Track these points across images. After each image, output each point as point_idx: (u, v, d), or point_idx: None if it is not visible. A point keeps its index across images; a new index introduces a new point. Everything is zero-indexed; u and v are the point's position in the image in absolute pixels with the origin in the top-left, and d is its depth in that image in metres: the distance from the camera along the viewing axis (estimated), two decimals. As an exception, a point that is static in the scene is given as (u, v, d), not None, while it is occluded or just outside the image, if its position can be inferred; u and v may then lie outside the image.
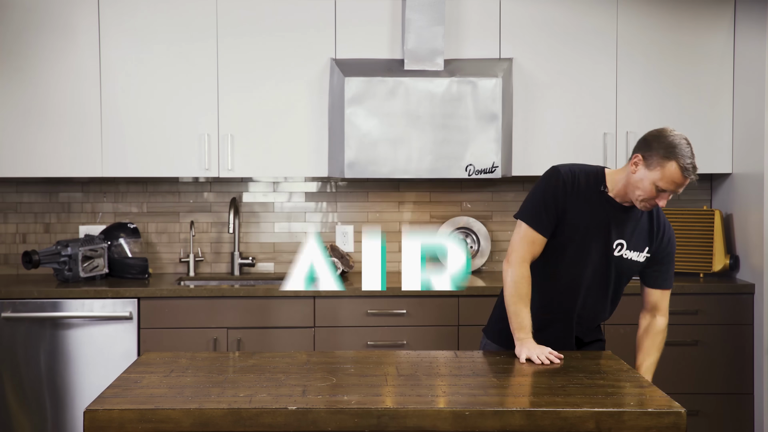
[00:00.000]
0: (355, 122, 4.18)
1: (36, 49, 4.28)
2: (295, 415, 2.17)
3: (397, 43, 4.36)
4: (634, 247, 2.82)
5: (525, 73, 4.38)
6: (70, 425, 4.03)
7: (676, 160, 2.65)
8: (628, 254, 2.82)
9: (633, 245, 2.82)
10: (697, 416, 4.16)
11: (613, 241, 2.79)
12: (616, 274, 2.85)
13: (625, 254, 2.81)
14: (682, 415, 2.19)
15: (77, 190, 4.66)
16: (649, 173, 2.68)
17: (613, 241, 2.79)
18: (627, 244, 2.81)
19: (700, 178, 4.71)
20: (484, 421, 2.17)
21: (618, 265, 2.83)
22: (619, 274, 2.85)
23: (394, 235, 4.73)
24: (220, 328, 4.08)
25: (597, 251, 2.80)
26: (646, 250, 2.84)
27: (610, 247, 2.80)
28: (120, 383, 2.44)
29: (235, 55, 4.33)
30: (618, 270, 2.84)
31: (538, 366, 2.64)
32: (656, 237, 2.85)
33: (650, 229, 2.85)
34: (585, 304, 2.88)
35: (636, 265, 2.86)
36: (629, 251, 2.82)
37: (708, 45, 4.41)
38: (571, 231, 2.79)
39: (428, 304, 4.12)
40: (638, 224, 2.83)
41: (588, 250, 2.80)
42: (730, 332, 4.19)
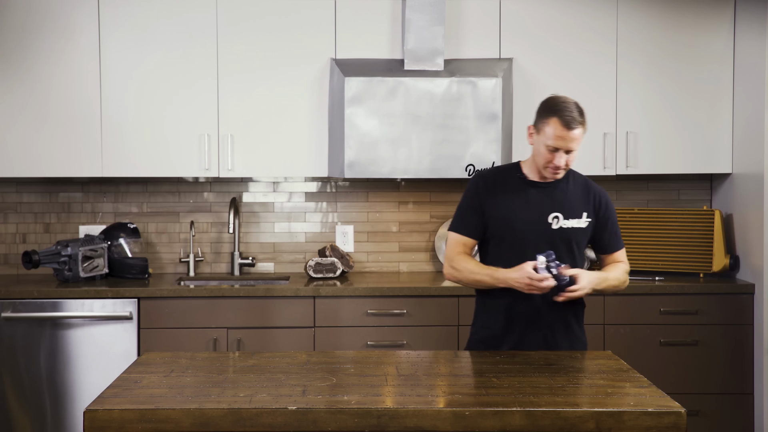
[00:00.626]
0: (355, 122, 4.18)
1: (36, 49, 4.28)
2: (295, 415, 2.17)
3: (397, 43, 4.36)
4: (571, 215, 2.92)
5: (525, 73, 4.38)
6: (70, 425, 4.03)
7: (555, 114, 2.80)
8: (567, 223, 2.91)
9: (569, 214, 2.92)
10: (697, 416, 4.16)
11: (547, 216, 2.90)
12: (564, 245, 2.90)
13: (564, 224, 2.91)
14: (682, 415, 2.19)
15: (77, 190, 4.66)
16: (539, 137, 2.86)
17: (547, 216, 2.90)
18: (563, 215, 2.91)
19: (700, 178, 4.73)
20: (484, 421, 2.17)
21: (561, 236, 2.90)
22: (566, 245, 2.91)
23: (394, 235, 4.73)
24: (220, 328, 4.08)
25: (534, 232, 2.90)
26: (585, 215, 2.93)
27: (546, 223, 2.90)
28: (120, 383, 2.44)
29: (235, 55, 4.33)
30: (564, 241, 2.90)
31: (538, 366, 2.64)
32: (593, 201, 2.96)
33: (584, 195, 2.95)
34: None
35: (580, 232, 2.93)
36: (567, 220, 2.91)
37: (708, 45, 4.41)
38: (502, 224, 2.91)
39: (428, 304, 4.12)
40: (569, 194, 2.94)
41: (525, 234, 2.90)
42: (730, 332, 4.19)
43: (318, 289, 4.10)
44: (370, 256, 4.73)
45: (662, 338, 4.17)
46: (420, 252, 4.73)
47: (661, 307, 4.17)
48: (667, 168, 4.45)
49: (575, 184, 2.97)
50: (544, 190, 2.93)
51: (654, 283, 4.25)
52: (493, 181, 2.97)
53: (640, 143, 4.40)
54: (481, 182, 2.97)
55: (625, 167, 4.41)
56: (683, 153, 4.44)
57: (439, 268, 4.73)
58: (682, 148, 4.43)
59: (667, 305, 4.17)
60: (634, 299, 4.17)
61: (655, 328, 4.17)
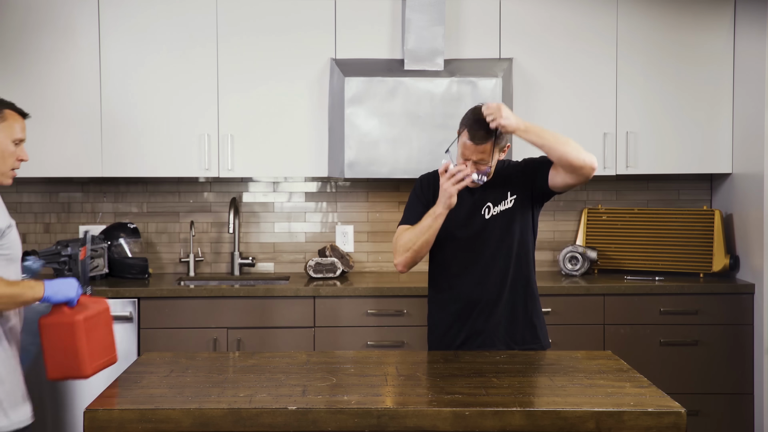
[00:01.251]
0: (355, 122, 4.18)
1: (36, 50, 4.28)
2: (295, 415, 2.17)
3: (397, 43, 4.36)
4: (498, 200, 2.98)
5: (525, 73, 4.38)
6: (70, 425, 4.03)
7: (466, 128, 2.88)
8: (497, 209, 2.98)
9: (497, 200, 2.98)
10: (697, 416, 4.16)
11: (481, 209, 2.98)
12: (503, 230, 2.97)
13: (495, 211, 2.98)
14: (682, 415, 2.19)
15: (77, 190, 4.66)
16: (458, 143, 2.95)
17: (481, 209, 2.98)
18: (493, 203, 2.99)
19: (700, 178, 4.73)
20: (484, 421, 2.17)
21: (499, 222, 2.97)
22: (505, 229, 2.97)
23: (394, 236, 4.72)
24: (220, 328, 4.08)
25: (470, 227, 2.97)
26: (509, 194, 2.98)
27: (480, 214, 2.97)
28: (120, 383, 2.44)
29: (235, 55, 4.33)
30: (502, 226, 2.97)
31: (538, 366, 2.64)
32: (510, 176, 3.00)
33: (502, 178, 2.99)
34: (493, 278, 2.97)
35: (511, 213, 2.98)
36: (496, 207, 2.98)
37: (708, 45, 4.41)
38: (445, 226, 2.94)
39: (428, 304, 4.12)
40: (492, 183, 2.98)
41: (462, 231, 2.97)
42: (730, 332, 4.19)
43: (318, 289, 4.10)
44: (370, 256, 4.73)
45: (662, 338, 4.17)
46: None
47: (661, 307, 4.17)
48: (667, 168, 4.45)
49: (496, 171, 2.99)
50: (476, 188, 2.99)
51: (654, 283, 4.25)
52: (436, 180, 3.01)
53: (640, 143, 4.40)
54: (425, 180, 3.10)
55: (625, 167, 4.41)
56: (683, 153, 4.44)
57: (439, 268, 4.73)
58: (682, 148, 4.43)
59: (667, 305, 4.17)
60: (634, 299, 4.17)
61: (655, 328, 4.17)
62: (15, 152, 2.57)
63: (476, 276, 2.98)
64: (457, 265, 3.01)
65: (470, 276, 2.99)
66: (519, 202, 2.99)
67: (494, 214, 2.98)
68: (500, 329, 2.98)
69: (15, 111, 2.59)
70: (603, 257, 4.55)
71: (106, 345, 2.56)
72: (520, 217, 2.99)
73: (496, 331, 2.98)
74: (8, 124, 2.55)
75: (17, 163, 2.60)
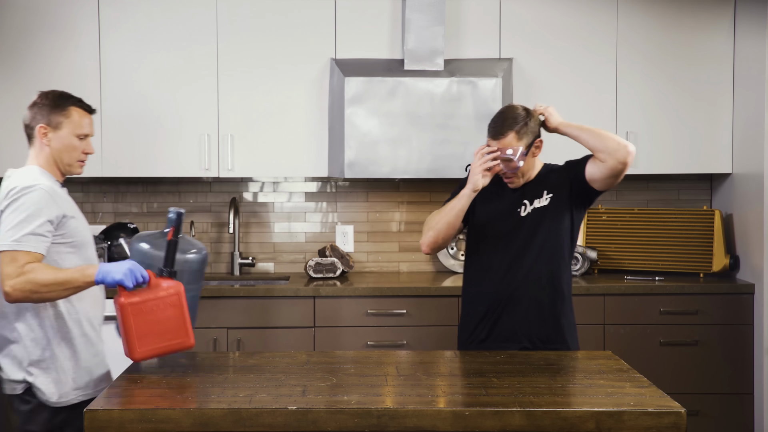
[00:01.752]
0: (355, 122, 4.18)
1: (36, 49, 4.28)
2: (295, 415, 2.17)
3: (397, 43, 4.36)
4: (534, 197, 3.03)
5: (525, 73, 4.38)
6: (70, 425, 4.03)
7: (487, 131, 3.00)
8: (532, 207, 3.02)
9: (533, 197, 3.04)
10: (697, 416, 4.16)
11: (519, 206, 3.04)
12: (534, 228, 3.01)
13: (530, 209, 3.03)
14: (682, 415, 2.19)
15: (77, 190, 4.66)
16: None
17: (519, 206, 3.04)
18: (529, 201, 3.04)
19: (700, 178, 4.74)
20: (484, 421, 2.17)
21: (532, 220, 3.01)
22: (536, 227, 3.01)
23: (394, 235, 4.73)
24: (220, 328, 4.08)
25: (506, 223, 3.03)
26: (545, 192, 3.03)
27: (516, 211, 3.03)
28: (120, 383, 2.44)
29: (235, 55, 4.33)
30: (533, 224, 3.01)
31: (538, 366, 2.64)
32: (549, 176, 3.06)
33: (543, 177, 3.07)
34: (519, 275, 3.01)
35: (545, 211, 3.02)
36: (532, 205, 3.03)
37: (708, 45, 4.41)
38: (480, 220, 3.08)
39: (428, 304, 4.12)
40: (533, 182, 3.06)
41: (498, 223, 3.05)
42: (730, 332, 4.19)
43: (318, 289, 4.10)
44: (370, 256, 4.73)
45: (662, 338, 4.17)
46: (420, 252, 4.73)
47: (661, 307, 4.17)
48: (667, 168, 4.45)
49: (540, 175, 3.08)
50: (517, 187, 3.06)
51: (654, 283, 4.25)
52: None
53: (640, 143, 4.40)
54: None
55: (625, 167, 4.40)
56: (683, 153, 4.44)
57: (440, 268, 4.73)
58: (682, 148, 4.43)
59: (667, 305, 4.17)
60: (634, 299, 4.17)
61: (655, 328, 4.17)
62: (80, 146, 2.78)
63: (503, 272, 3.01)
64: (488, 259, 3.05)
65: (498, 271, 3.02)
66: (555, 201, 3.01)
67: (529, 212, 3.02)
68: (524, 326, 3.00)
69: (81, 107, 2.79)
70: (603, 257, 4.55)
71: (166, 330, 2.57)
72: (554, 217, 3.01)
73: (520, 328, 3.01)
74: (72, 120, 2.76)
75: (83, 155, 2.79)
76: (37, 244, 2.55)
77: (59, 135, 2.76)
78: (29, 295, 2.51)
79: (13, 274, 2.50)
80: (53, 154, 2.77)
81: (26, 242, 2.53)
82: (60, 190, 2.71)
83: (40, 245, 2.56)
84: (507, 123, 2.93)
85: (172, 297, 2.57)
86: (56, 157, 2.77)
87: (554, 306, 3.02)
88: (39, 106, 2.79)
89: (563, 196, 3.02)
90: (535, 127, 2.98)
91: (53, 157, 2.77)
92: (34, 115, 2.79)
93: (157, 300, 2.57)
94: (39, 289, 2.50)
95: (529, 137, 2.96)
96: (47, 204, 2.61)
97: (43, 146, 2.78)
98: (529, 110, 2.99)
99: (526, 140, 2.95)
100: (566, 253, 3.04)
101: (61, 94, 2.81)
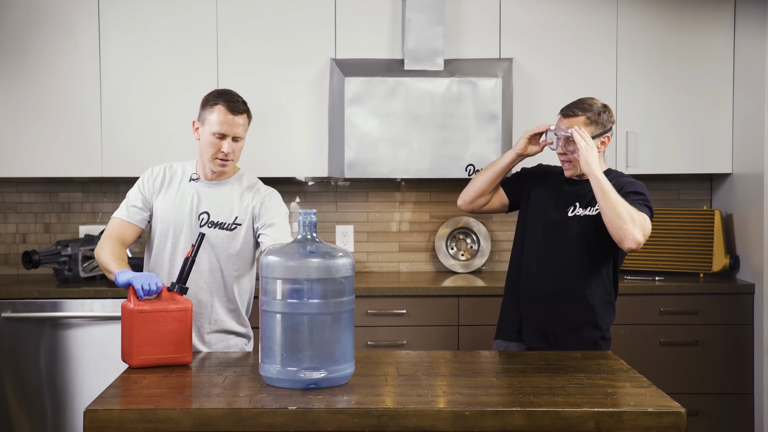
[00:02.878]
0: (355, 122, 4.18)
1: (36, 49, 4.28)
2: (295, 415, 2.17)
3: (397, 43, 4.36)
4: (586, 205, 3.04)
5: (525, 73, 4.38)
6: (70, 425, 4.03)
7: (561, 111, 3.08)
8: (581, 212, 3.04)
9: (585, 204, 3.04)
10: (697, 416, 4.16)
11: (567, 208, 3.06)
12: (573, 232, 3.03)
13: (578, 212, 3.04)
14: (682, 415, 2.19)
15: (77, 190, 4.66)
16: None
17: (567, 208, 3.06)
18: (580, 204, 3.05)
19: (700, 178, 4.74)
20: (484, 421, 2.17)
21: (574, 224, 3.03)
22: (575, 233, 3.03)
23: (394, 235, 4.73)
24: (220, 328, 4.08)
25: (550, 219, 3.08)
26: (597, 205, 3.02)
27: (565, 209, 3.06)
28: (120, 383, 2.44)
29: (235, 55, 4.33)
30: (573, 229, 3.03)
31: (538, 366, 2.64)
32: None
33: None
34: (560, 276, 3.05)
35: (588, 221, 3.02)
36: (582, 209, 3.04)
37: (708, 45, 4.41)
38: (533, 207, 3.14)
39: (428, 304, 4.12)
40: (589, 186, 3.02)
41: (543, 220, 3.10)
42: (730, 332, 4.19)
43: (318, 289, 4.10)
44: (370, 256, 4.73)
45: (662, 338, 4.17)
46: (420, 252, 4.73)
47: (661, 307, 4.17)
48: (667, 168, 4.45)
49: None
50: (577, 187, 3.09)
51: (654, 283, 4.25)
52: (541, 172, 3.23)
53: (640, 143, 4.40)
54: (532, 168, 3.28)
55: (625, 167, 4.41)
56: (683, 153, 4.44)
57: (440, 268, 4.73)
58: (682, 148, 4.43)
59: (667, 305, 4.17)
60: (634, 299, 4.17)
61: (655, 328, 4.17)
62: (216, 144, 2.94)
63: (536, 267, 3.08)
64: (527, 252, 3.12)
65: (532, 266, 3.10)
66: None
67: (576, 215, 3.04)
68: (542, 327, 3.06)
69: (226, 106, 2.96)
70: (603, 257, 4.54)
71: (167, 342, 2.61)
72: (595, 229, 3.00)
73: (539, 328, 3.07)
74: (211, 118, 2.93)
75: (219, 153, 2.94)
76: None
77: (202, 132, 2.96)
78: None
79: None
80: (200, 149, 2.97)
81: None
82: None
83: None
84: (581, 106, 2.99)
85: (180, 312, 2.63)
86: (201, 152, 2.97)
87: (573, 317, 3.04)
88: (202, 102, 2.99)
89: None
90: (608, 123, 3.02)
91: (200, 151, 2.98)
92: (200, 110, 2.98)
93: (165, 312, 2.62)
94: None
95: (599, 128, 3.00)
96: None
97: (197, 141, 3.00)
98: (607, 106, 3.03)
99: (594, 129, 2.99)
100: (598, 267, 3.03)
101: (221, 92, 3.01)
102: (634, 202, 2.93)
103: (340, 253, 2.36)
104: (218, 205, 2.97)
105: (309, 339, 2.31)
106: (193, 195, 2.97)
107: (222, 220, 2.95)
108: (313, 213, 2.39)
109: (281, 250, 2.36)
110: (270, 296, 2.35)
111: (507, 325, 3.16)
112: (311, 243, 2.36)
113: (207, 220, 2.94)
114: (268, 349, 2.35)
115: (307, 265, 2.30)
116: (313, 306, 2.30)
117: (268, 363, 2.36)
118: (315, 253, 2.33)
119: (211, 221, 2.94)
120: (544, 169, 3.26)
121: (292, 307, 2.31)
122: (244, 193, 3.01)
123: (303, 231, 2.38)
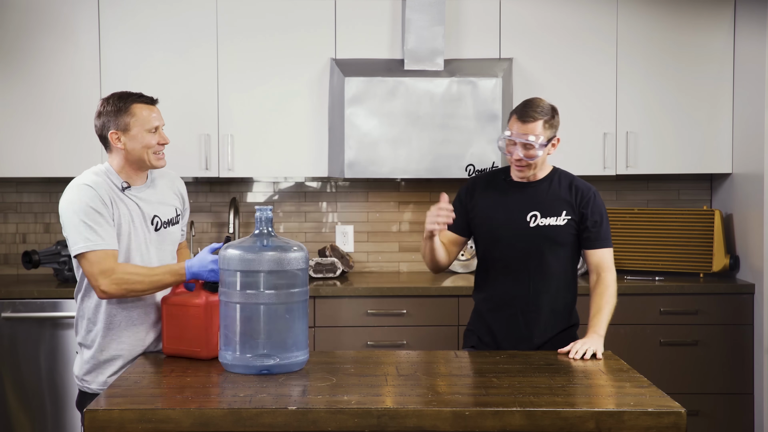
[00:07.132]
0: (355, 122, 4.18)
1: (36, 49, 4.28)
2: (295, 415, 2.17)
3: (397, 43, 4.36)
4: (549, 213, 2.98)
5: (525, 73, 4.38)
6: (70, 425, 4.03)
7: (515, 113, 2.96)
8: (544, 221, 2.98)
9: (548, 212, 2.98)
10: (697, 416, 4.16)
11: (526, 215, 2.98)
12: (543, 241, 2.97)
13: (541, 222, 2.98)
14: (682, 415, 2.19)
15: (77, 190, 4.66)
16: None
17: (526, 215, 2.98)
18: (541, 213, 2.98)
19: (700, 178, 4.74)
20: (484, 421, 2.17)
21: (539, 234, 2.97)
22: (544, 241, 2.97)
23: (394, 235, 4.73)
24: (220, 328, 4.08)
25: (511, 231, 2.99)
26: (564, 213, 2.98)
27: (524, 221, 2.98)
28: (120, 383, 2.44)
29: (235, 55, 4.33)
30: (543, 239, 2.97)
31: (538, 366, 2.64)
32: (575, 200, 3.00)
33: (567, 194, 3.01)
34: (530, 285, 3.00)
35: (559, 230, 2.98)
36: (545, 218, 2.98)
37: (708, 45, 4.41)
38: (484, 221, 3.04)
39: (428, 304, 4.12)
40: (549, 194, 3.00)
41: (501, 231, 3.01)
42: (730, 332, 4.19)
43: (318, 289, 4.10)
44: (370, 256, 4.73)
45: (662, 338, 4.17)
46: (420, 252, 4.73)
47: (661, 307, 4.17)
48: (667, 168, 4.45)
49: (559, 184, 3.02)
50: (526, 191, 3.01)
51: (654, 283, 4.25)
52: (481, 182, 3.11)
53: (640, 143, 4.40)
54: (469, 184, 3.14)
55: (625, 167, 4.41)
56: (683, 153, 4.44)
57: (439, 268, 4.73)
58: (682, 148, 4.43)
59: (667, 305, 4.17)
60: (634, 299, 4.17)
61: (655, 328, 4.18)
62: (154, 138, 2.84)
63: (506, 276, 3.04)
64: (490, 261, 3.08)
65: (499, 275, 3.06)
66: (572, 225, 2.98)
67: (540, 224, 2.97)
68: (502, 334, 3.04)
69: (142, 102, 2.89)
70: (603, 257, 4.54)
71: (189, 336, 2.67)
72: (568, 239, 2.99)
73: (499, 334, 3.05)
74: (138, 119, 2.84)
75: (159, 147, 2.85)
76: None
77: (131, 136, 2.83)
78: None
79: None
80: (134, 155, 2.83)
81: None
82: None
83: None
84: (538, 110, 2.93)
85: (197, 309, 2.66)
86: (138, 156, 2.83)
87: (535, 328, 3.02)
88: (104, 114, 2.86)
89: (576, 222, 3.00)
90: (558, 125, 2.99)
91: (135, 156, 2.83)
92: (103, 124, 2.87)
93: (186, 308, 2.67)
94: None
95: (552, 131, 2.96)
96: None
97: (120, 150, 2.84)
98: (555, 107, 3.00)
99: (549, 133, 2.95)
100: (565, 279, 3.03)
101: (120, 95, 2.88)
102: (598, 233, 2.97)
103: (295, 247, 2.51)
104: (159, 204, 2.89)
105: (263, 327, 2.47)
106: (136, 204, 2.84)
107: (169, 216, 2.90)
108: (269, 209, 2.54)
109: (239, 245, 2.51)
110: (227, 287, 2.49)
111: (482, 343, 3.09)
112: (267, 237, 2.52)
113: (160, 223, 2.87)
114: (225, 337, 2.51)
115: (262, 258, 2.45)
116: (266, 296, 2.46)
117: (225, 350, 2.51)
118: (269, 247, 2.48)
119: (163, 222, 2.87)
120: (484, 179, 3.13)
121: (247, 298, 2.46)
122: (164, 183, 2.95)
123: (260, 226, 2.54)
